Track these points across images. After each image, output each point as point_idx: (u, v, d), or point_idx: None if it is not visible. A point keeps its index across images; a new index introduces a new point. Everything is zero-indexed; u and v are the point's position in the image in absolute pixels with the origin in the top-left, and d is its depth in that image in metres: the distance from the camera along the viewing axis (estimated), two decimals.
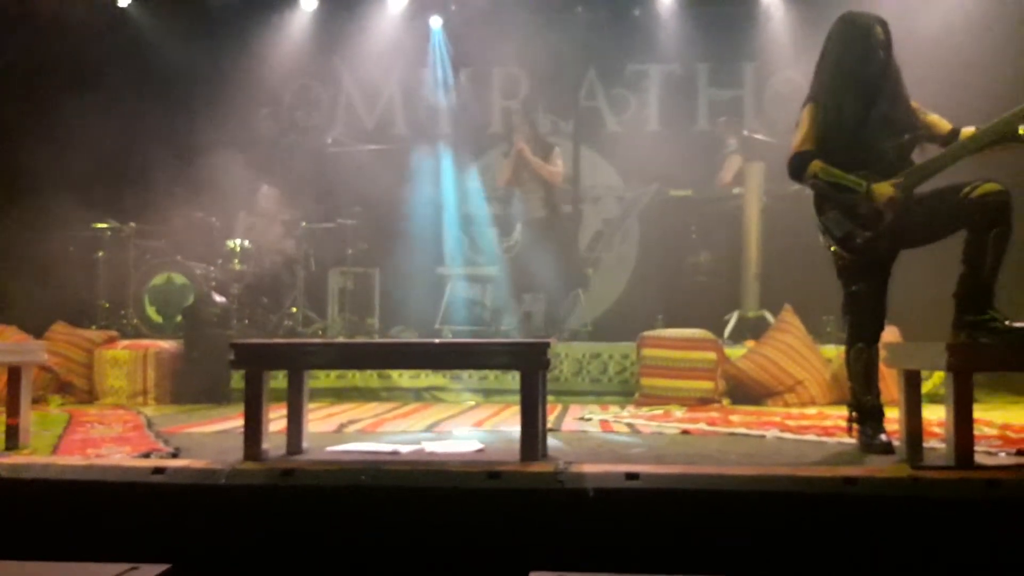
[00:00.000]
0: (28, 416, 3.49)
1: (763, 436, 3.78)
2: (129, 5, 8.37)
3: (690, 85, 8.77)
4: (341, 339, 6.50)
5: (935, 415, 3.76)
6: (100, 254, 7.01)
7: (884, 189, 3.14)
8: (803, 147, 3.30)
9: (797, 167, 3.31)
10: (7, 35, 6.73)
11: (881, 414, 3.30)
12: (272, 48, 8.43)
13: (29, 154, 7.04)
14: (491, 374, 5.68)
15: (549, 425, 3.27)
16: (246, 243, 6.93)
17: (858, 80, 3.23)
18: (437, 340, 4.61)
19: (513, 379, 5.44)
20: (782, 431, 3.91)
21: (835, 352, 5.49)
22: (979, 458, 2.81)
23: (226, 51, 8.22)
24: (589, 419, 4.47)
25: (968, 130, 3.16)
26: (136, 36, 8.30)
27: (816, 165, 3.24)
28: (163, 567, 1.78)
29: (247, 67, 8.22)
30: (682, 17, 8.41)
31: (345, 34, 8.36)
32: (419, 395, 5.79)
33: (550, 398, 4.32)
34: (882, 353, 3.29)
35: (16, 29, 6.81)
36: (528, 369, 2.87)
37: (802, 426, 4.10)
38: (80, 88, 7.55)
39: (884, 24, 3.25)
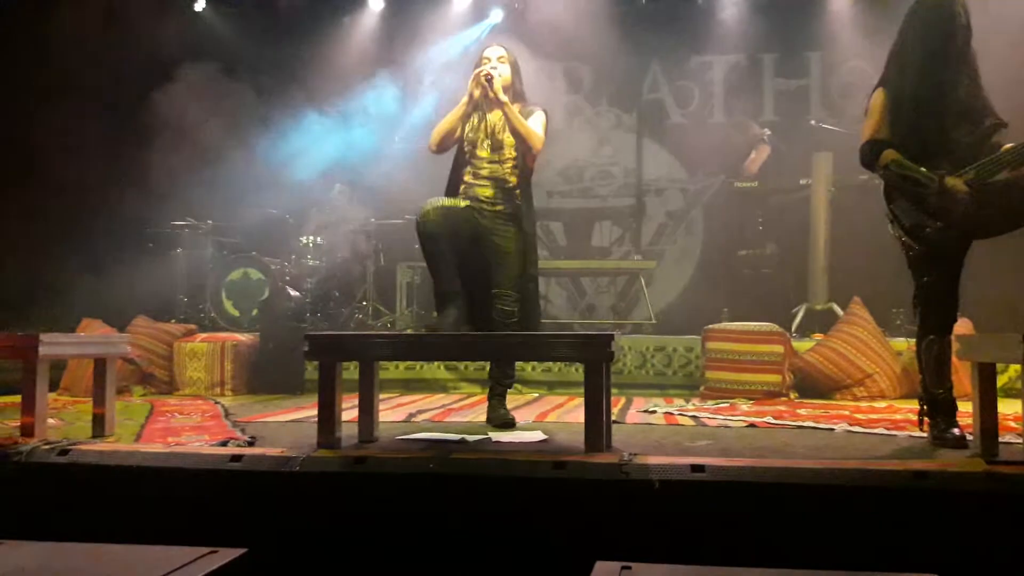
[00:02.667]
0: (113, 406, 3.67)
1: (832, 430, 3.75)
2: (204, 9, 8.66)
3: (755, 76, 8.65)
4: (409, 331, 6.62)
5: (1011, 409, 3.68)
6: (179, 251, 7.28)
7: (957, 185, 3.07)
8: (876, 135, 3.25)
9: (869, 155, 3.26)
10: (86, 38, 6.99)
11: (954, 407, 3.24)
12: (340, 47, 8.63)
13: (109, 156, 7.34)
14: (555, 366, 5.73)
15: (613, 417, 3.29)
16: (318, 239, 7.12)
17: (937, 65, 3.15)
18: (501, 333, 4.66)
19: (577, 371, 5.51)
20: (851, 425, 3.86)
21: (905, 345, 5.38)
22: None
23: (298, 51, 8.44)
24: (654, 411, 4.48)
25: (1007, 146, 3.07)
26: (211, 37, 8.58)
27: (889, 155, 3.18)
28: (240, 551, 1.84)
29: (318, 66, 8.42)
30: (746, 7, 8.32)
31: (411, 30, 8.48)
32: (485, 385, 5.86)
33: (614, 391, 4.33)
34: (955, 345, 3.22)
35: (92, 32, 7.07)
36: (592, 361, 2.90)
37: (871, 420, 4.05)
38: (157, 90, 7.84)
39: (965, 6, 3.17)
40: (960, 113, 3.17)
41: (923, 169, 3.12)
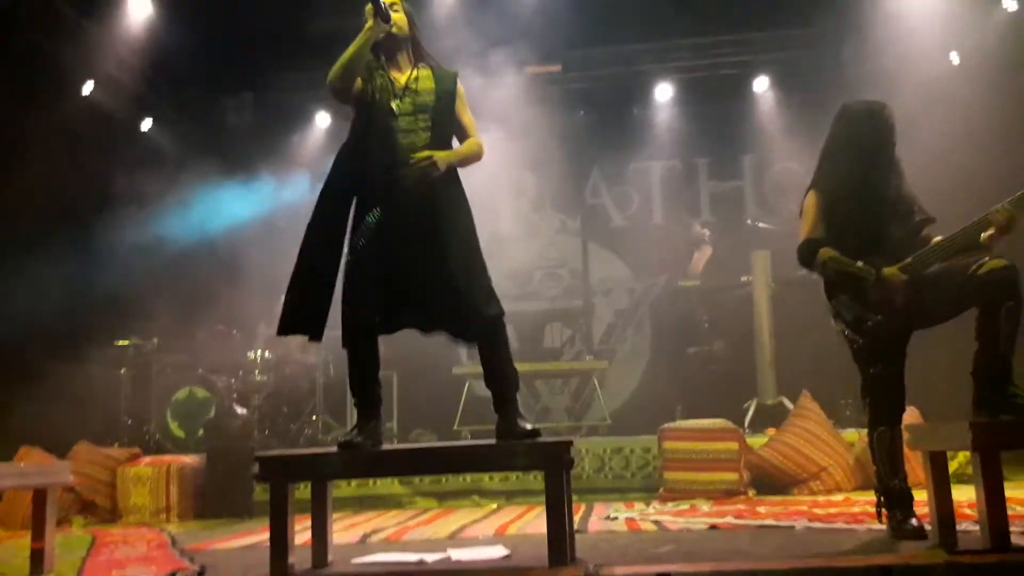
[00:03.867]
0: (53, 539, 3.49)
1: (792, 527, 3.73)
2: (150, 128, 8.73)
3: (691, 179, 9.02)
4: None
5: (965, 495, 3.72)
6: (123, 371, 7.10)
7: (895, 275, 3.19)
8: (811, 234, 3.36)
9: (806, 255, 3.37)
10: (34, 153, 6.98)
11: (910, 497, 3.26)
12: (288, 164, 8.76)
13: (53, 273, 7.22)
14: (513, 475, 5.64)
15: (575, 526, 3.24)
16: (266, 353, 7.02)
17: (867, 165, 3.30)
18: (457, 443, 4.60)
19: (535, 479, 5.43)
20: (811, 520, 3.86)
21: (856, 436, 5.45)
22: (1016, 539, 2.77)
23: (244, 168, 8.53)
24: (615, 518, 4.42)
25: (937, 238, 3.23)
26: (159, 156, 8.63)
27: (825, 253, 3.29)
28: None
29: (264, 181, 8.52)
30: (679, 114, 8.75)
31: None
32: (441, 500, 5.74)
33: (574, 497, 4.29)
34: (905, 435, 3.28)
35: (42, 148, 7.07)
36: (552, 469, 2.85)
37: (830, 514, 4.05)
38: (103, 207, 7.82)
39: (889, 110, 3.35)
40: (891, 210, 3.32)
41: (859, 263, 3.24)
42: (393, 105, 3.16)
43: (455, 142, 3.30)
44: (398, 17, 3.25)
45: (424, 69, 3.29)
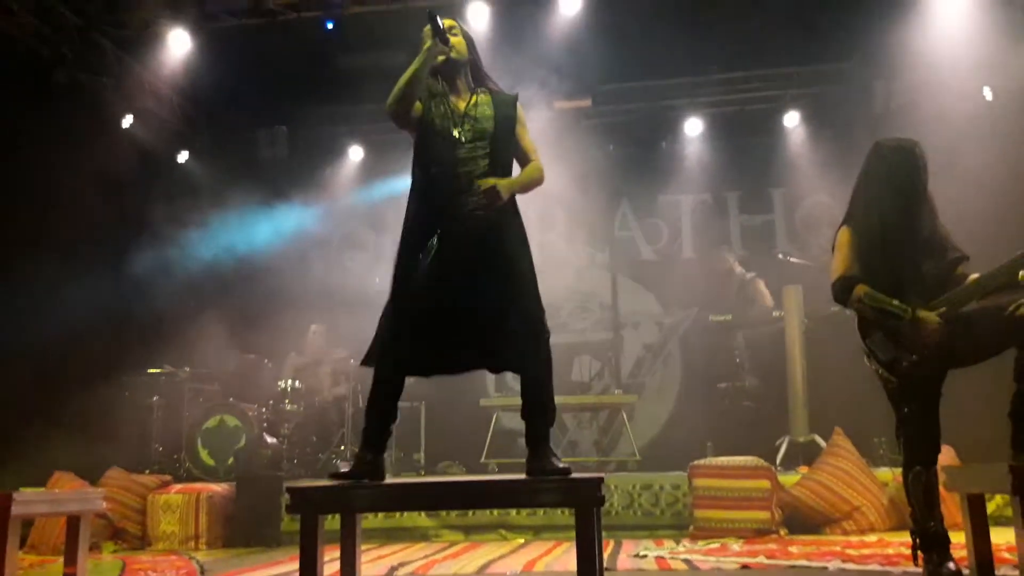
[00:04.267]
0: (85, 565, 3.53)
1: (825, 568, 3.67)
2: (187, 161, 8.92)
3: (721, 212, 9.00)
4: (389, 478, 6.49)
5: (1003, 539, 3.64)
6: (155, 399, 7.18)
7: (929, 317, 3.15)
8: (846, 271, 3.34)
9: (841, 291, 3.34)
10: (74, 184, 7.14)
11: (947, 540, 3.20)
12: (321, 195, 8.90)
13: (89, 301, 7.35)
14: (540, 509, 5.60)
15: (604, 564, 3.21)
16: (296, 383, 7.08)
17: (901, 203, 3.29)
18: (486, 477, 4.59)
19: (563, 514, 5.39)
20: (844, 561, 3.79)
21: (890, 475, 5.36)
22: None
23: (278, 199, 8.68)
24: (644, 556, 4.37)
25: (973, 276, 3.20)
26: (194, 188, 8.81)
27: (861, 289, 3.27)
28: None
29: (298, 215, 8.65)
30: (708, 149, 8.76)
31: (389, 180, 8.77)
32: (468, 533, 5.71)
33: (602, 534, 4.25)
34: (941, 476, 3.22)
35: (82, 179, 7.23)
36: (582, 506, 2.82)
37: (864, 555, 3.98)
38: (139, 236, 7.99)
39: (921, 148, 3.35)
40: (925, 247, 3.30)
41: (895, 301, 3.21)
42: (454, 133, 3.10)
43: (515, 167, 3.24)
44: (457, 41, 3.19)
45: (484, 94, 3.22)
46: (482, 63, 3.30)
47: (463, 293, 3.04)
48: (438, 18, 3.10)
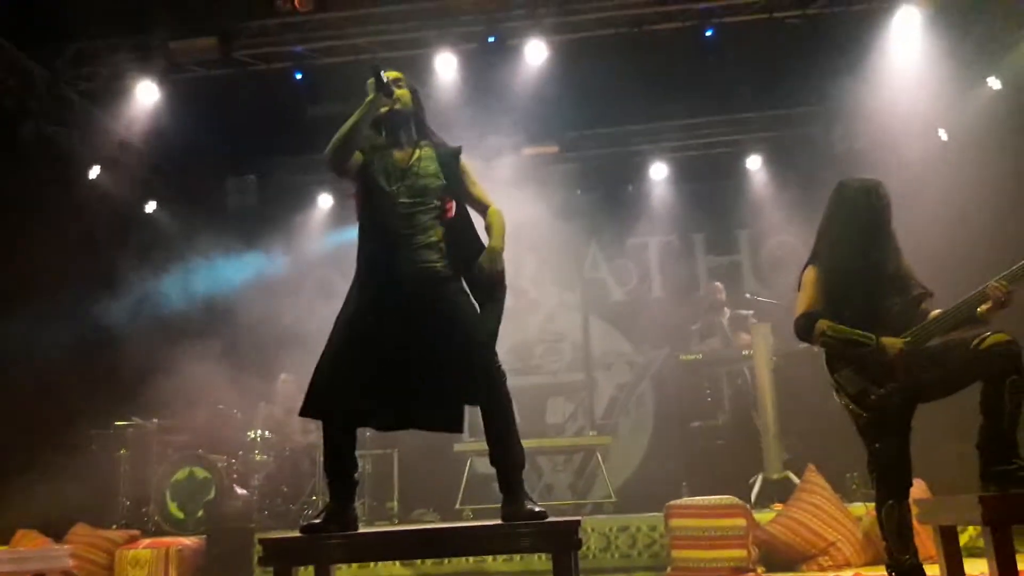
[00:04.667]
0: None
1: None
2: (155, 210, 8.87)
3: (689, 253, 9.13)
4: (362, 527, 6.40)
5: (977, 569, 3.67)
6: (122, 451, 7.04)
7: (894, 343, 3.23)
8: (809, 308, 3.41)
9: (804, 328, 3.40)
10: (41, 234, 7.07)
11: (922, 573, 3.22)
12: (290, 243, 8.90)
13: (53, 353, 7.24)
14: (517, 555, 5.55)
15: None
16: (266, 433, 6.99)
17: (866, 241, 3.37)
18: (461, 524, 4.55)
19: (540, 559, 5.34)
20: None
21: (864, 510, 5.39)
22: None
23: (247, 248, 8.66)
24: None
25: (936, 312, 3.28)
26: (163, 237, 8.76)
27: (823, 323, 3.33)
28: None
29: (268, 263, 8.63)
30: (674, 192, 8.95)
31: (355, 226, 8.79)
32: None
33: None
34: (914, 509, 3.26)
35: (49, 230, 7.17)
36: (560, 551, 2.82)
37: None
38: (104, 289, 7.90)
39: (884, 187, 3.44)
40: (889, 284, 3.38)
41: (858, 331, 3.27)
42: (392, 188, 3.09)
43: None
44: (401, 93, 3.19)
45: (427, 148, 3.20)
46: (425, 116, 3.30)
47: (406, 347, 3.03)
48: (382, 71, 3.11)
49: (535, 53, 7.25)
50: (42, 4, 6.63)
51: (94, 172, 8.01)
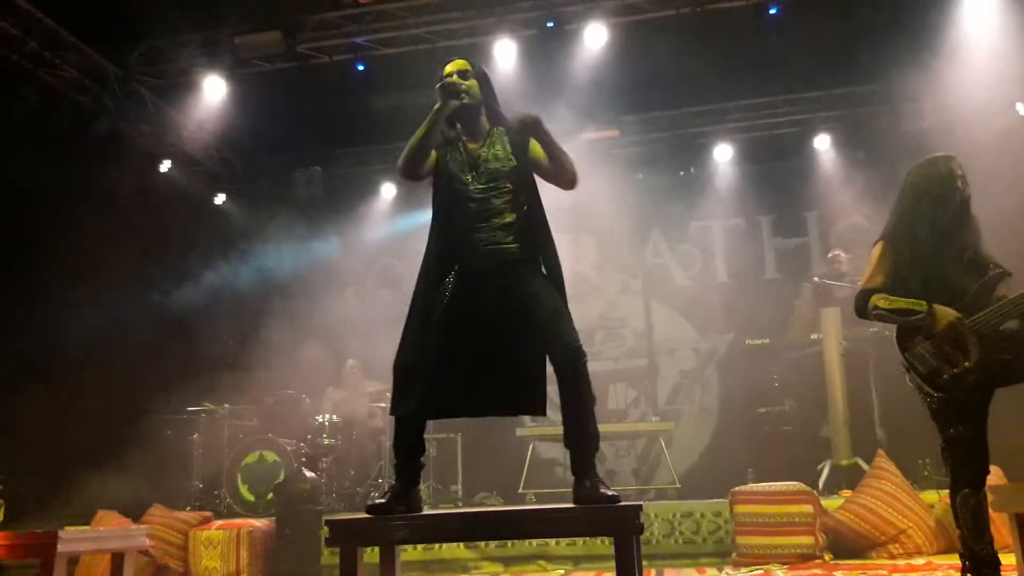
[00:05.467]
0: None
1: None
2: (224, 202, 9.13)
3: (755, 236, 8.95)
4: (427, 509, 6.49)
5: None
6: (195, 436, 7.27)
7: (947, 312, 3.13)
8: (868, 284, 3.33)
9: (860, 304, 3.33)
10: (112, 232, 7.33)
11: (997, 563, 3.13)
12: (356, 232, 9.04)
13: (128, 342, 7.51)
14: (580, 539, 5.56)
15: None
16: (334, 417, 7.13)
17: (935, 216, 3.28)
18: (524, 507, 4.58)
19: (603, 544, 5.34)
20: None
21: (936, 497, 5.24)
22: None
23: (314, 238, 8.84)
24: None
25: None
26: (232, 229, 9.00)
27: (875, 298, 3.26)
28: None
29: (334, 252, 8.80)
30: (739, 174, 8.77)
31: (421, 215, 8.88)
32: (507, 564, 5.68)
33: (643, 562, 4.20)
34: (989, 496, 3.15)
35: (123, 224, 7.42)
36: (622, 535, 2.79)
37: None
38: (176, 280, 8.16)
39: (958, 162, 3.34)
40: (963, 263, 3.26)
41: (910, 298, 3.18)
42: (467, 178, 3.11)
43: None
44: (470, 84, 3.17)
45: (499, 133, 3.21)
46: (497, 101, 3.27)
47: (483, 333, 3.04)
48: (445, 79, 3.11)
49: (594, 37, 7.19)
50: (114, 3, 6.84)
51: (165, 166, 8.27)
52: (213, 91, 7.64)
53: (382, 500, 3.02)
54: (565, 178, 3.18)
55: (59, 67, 7.19)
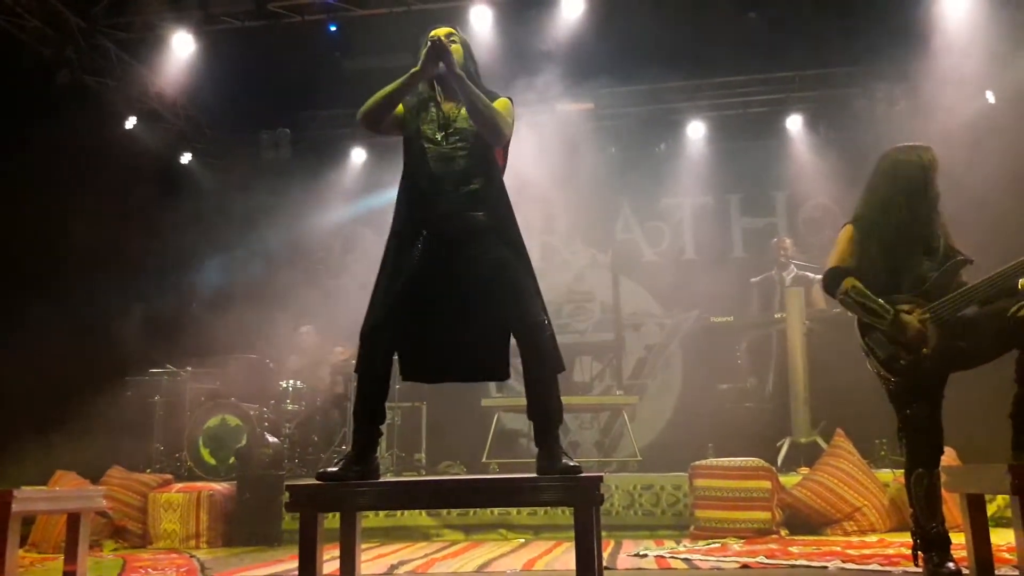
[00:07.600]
0: (85, 563, 3.54)
1: (825, 567, 3.68)
2: (189, 162, 8.95)
3: (723, 215, 9.00)
4: (390, 477, 6.50)
5: (1003, 539, 3.64)
6: (157, 398, 7.19)
7: (911, 322, 3.18)
8: (839, 263, 3.36)
9: (831, 281, 3.37)
10: (73, 188, 7.16)
11: (947, 541, 3.20)
12: (323, 197, 8.92)
13: (91, 302, 7.37)
14: (541, 509, 5.61)
15: (604, 563, 3.21)
16: (298, 383, 7.09)
17: (904, 202, 3.31)
18: (486, 476, 4.59)
19: (564, 514, 5.40)
20: (844, 561, 3.79)
21: (891, 476, 5.36)
22: None
23: (280, 201, 8.70)
24: (644, 555, 4.38)
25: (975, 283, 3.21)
26: (196, 189, 8.83)
27: (849, 282, 3.29)
28: None
29: (300, 215, 8.67)
30: (710, 152, 8.79)
31: (391, 182, 8.79)
32: (468, 533, 5.72)
33: (603, 533, 4.25)
34: (943, 477, 3.23)
35: (83, 183, 7.25)
36: (582, 505, 2.82)
37: (864, 555, 3.98)
38: (138, 239, 8.00)
39: (931, 153, 3.37)
40: (928, 249, 3.31)
41: (880, 301, 3.22)
42: (437, 136, 3.10)
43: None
44: (454, 48, 3.15)
45: None
46: (478, 69, 3.26)
47: (449, 300, 3.04)
48: (439, 43, 3.06)
49: (571, 7, 7.11)
50: None
51: (130, 122, 8.08)
52: (181, 48, 7.46)
53: (334, 468, 2.99)
54: (487, 130, 3.08)
55: (19, 15, 6.95)
